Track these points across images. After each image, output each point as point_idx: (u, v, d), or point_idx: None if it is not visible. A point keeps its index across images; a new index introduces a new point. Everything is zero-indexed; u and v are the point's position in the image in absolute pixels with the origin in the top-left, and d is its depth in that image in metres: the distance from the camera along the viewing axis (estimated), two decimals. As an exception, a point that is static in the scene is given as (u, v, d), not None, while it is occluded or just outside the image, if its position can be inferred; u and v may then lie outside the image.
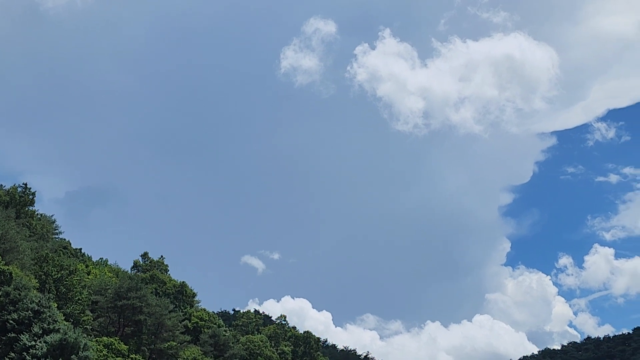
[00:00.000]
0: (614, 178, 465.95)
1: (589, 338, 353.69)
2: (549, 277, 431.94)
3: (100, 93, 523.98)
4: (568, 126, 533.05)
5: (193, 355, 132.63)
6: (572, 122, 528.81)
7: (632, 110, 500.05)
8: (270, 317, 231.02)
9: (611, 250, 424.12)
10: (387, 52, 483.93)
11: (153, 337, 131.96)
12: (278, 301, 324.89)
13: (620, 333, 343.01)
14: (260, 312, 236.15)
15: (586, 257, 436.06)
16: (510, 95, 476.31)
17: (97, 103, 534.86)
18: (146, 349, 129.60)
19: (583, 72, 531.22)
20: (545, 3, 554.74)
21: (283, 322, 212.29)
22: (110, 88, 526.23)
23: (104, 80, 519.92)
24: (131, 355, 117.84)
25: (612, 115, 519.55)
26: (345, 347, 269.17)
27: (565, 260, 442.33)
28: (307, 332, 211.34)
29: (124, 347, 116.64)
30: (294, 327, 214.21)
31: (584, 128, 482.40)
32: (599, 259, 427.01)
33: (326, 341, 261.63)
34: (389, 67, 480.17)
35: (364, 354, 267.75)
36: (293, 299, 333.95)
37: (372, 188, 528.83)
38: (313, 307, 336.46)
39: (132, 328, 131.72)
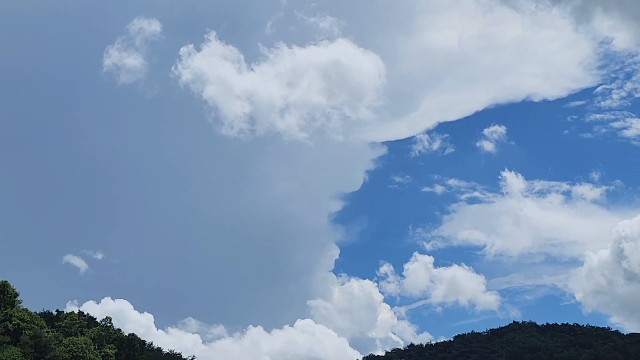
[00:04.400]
0: (439, 189, 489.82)
1: (412, 345, 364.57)
2: (375, 284, 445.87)
3: None
4: (400, 136, 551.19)
5: (12, 356, 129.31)
6: (404, 133, 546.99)
7: (460, 123, 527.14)
8: (95, 318, 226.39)
9: (430, 259, 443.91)
10: (213, 54, 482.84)
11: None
12: (98, 302, 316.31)
13: (441, 340, 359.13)
14: (85, 313, 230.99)
15: (406, 265, 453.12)
16: (337, 102, 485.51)
17: None
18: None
19: (413, 84, 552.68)
20: (374, 12, 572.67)
21: (108, 324, 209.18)
22: None
23: None
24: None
25: (441, 128, 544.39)
26: (170, 351, 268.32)
27: (386, 268, 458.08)
28: (132, 334, 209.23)
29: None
30: (119, 330, 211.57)
31: (413, 139, 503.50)
32: (419, 267, 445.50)
33: (151, 344, 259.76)
34: (214, 70, 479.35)
35: (190, 358, 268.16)
36: (113, 300, 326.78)
37: (199, 191, 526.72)
38: (135, 309, 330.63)
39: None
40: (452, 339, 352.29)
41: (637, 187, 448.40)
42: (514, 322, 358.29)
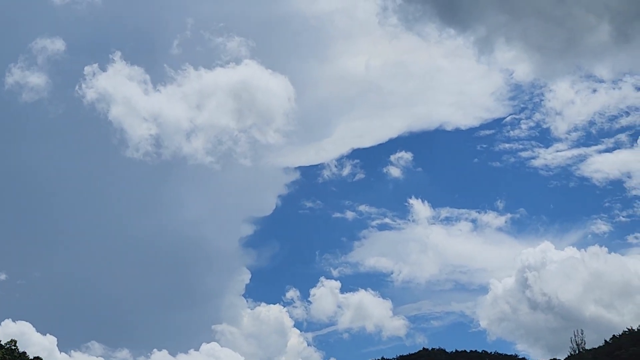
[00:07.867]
0: (350, 215, 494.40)
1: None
2: (286, 309, 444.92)
3: None
4: (313, 162, 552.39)
5: None
6: (317, 159, 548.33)
7: (373, 150, 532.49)
8: (0, 341, 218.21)
9: (337, 284, 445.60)
10: (119, 75, 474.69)
11: None
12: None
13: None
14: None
15: (312, 291, 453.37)
16: (245, 126, 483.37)
17: None
18: None
19: (326, 109, 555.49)
20: (285, 34, 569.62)
21: (13, 347, 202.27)
22: None
23: None
24: None
25: (354, 154, 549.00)
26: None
27: (292, 293, 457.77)
28: (37, 357, 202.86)
29: None
30: (24, 353, 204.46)
31: (325, 164, 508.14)
32: (325, 292, 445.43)
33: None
34: (120, 91, 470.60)
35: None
36: (14, 322, 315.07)
37: (105, 213, 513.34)
38: (37, 331, 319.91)
39: None
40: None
41: (540, 216, 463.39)
42: (423, 348, 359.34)
